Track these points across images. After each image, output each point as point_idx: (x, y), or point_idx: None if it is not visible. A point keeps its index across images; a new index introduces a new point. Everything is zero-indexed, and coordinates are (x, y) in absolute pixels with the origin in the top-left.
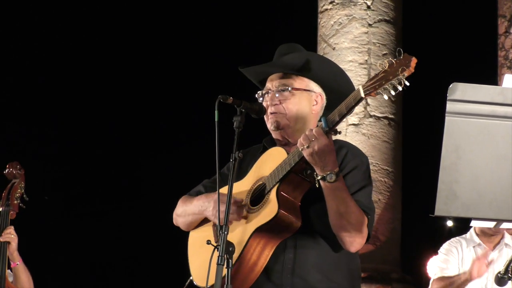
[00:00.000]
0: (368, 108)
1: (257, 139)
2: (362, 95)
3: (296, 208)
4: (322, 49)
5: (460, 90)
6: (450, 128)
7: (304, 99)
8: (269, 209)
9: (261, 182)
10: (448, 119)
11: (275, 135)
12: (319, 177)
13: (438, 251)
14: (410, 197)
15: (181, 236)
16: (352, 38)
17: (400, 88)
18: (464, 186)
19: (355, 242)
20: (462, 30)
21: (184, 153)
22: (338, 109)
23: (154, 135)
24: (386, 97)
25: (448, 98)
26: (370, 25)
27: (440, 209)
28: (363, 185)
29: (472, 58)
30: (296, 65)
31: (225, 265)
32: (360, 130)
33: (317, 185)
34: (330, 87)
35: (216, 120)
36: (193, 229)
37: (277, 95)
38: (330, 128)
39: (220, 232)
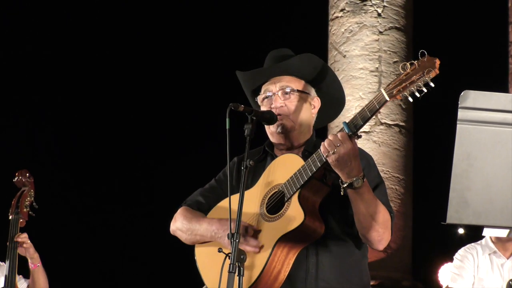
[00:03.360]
0: (379, 116)
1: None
2: (387, 98)
3: (318, 214)
4: (333, 56)
5: (471, 98)
6: (461, 135)
7: (305, 102)
8: (294, 217)
9: (276, 190)
10: (459, 126)
11: (278, 139)
12: (345, 184)
13: (454, 257)
14: (421, 204)
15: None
16: (363, 46)
17: (425, 90)
18: (476, 193)
19: (383, 240)
20: (473, 38)
21: (192, 160)
22: (361, 113)
23: (164, 142)
24: (411, 99)
25: (459, 105)
26: (380, 32)
27: (451, 217)
28: (377, 182)
29: (483, 66)
30: (295, 68)
31: (236, 273)
32: (371, 137)
33: (342, 193)
34: (324, 91)
35: (227, 128)
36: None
37: (281, 96)
38: (353, 132)
39: (232, 240)
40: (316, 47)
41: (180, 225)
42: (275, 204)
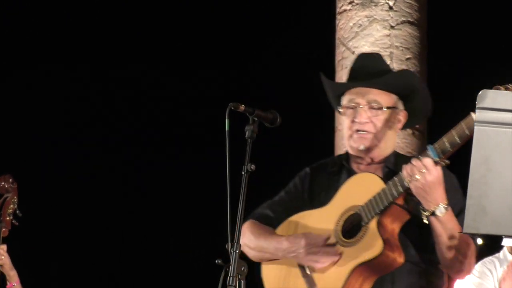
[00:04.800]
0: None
1: (271, 149)
2: None
3: (397, 242)
4: (341, 53)
5: (490, 98)
6: (479, 138)
7: (393, 118)
8: (371, 245)
9: (353, 212)
10: (477, 128)
11: (358, 153)
12: (427, 213)
13: (471, 273)
14: None
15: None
16: (373, 41)
17: None
18: (494, 201)
19: (463, 271)
20: (492, 33)
21: (191, 165)
22: (448, 138)
23: (161, 145)
24: None
25: (477, 106)
26: (392, 27)
27: (468, 226)
28: (461, 207)
29: (503, 63)
30: (392, 83)
31: (236, 287)
32: None
33: (425, 221)
34: (414, 105)
35: (226, 129)
36: None
37: (368, 111)
38: (440, 158)
39: (231, 251)
40: (323, 42)
41: (248, 241)
42: (351, 227)
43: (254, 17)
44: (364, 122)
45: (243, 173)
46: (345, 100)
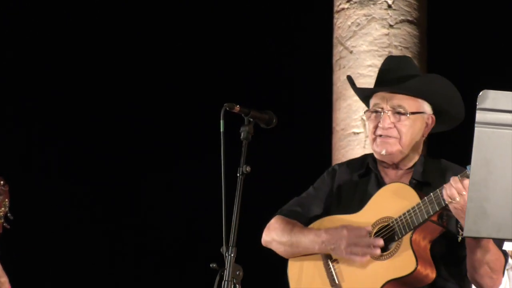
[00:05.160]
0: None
1: (267, 151)
2: None
3: (429, 258)
4: (338, 52)
5: (491, 98)
6: (480, 140)
7: (418, 123)
8: (405, 262)
9: (385, 223)
10: (477, 130)
11: (382, 158)
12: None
13: None
14: None
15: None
16: (372, 41)
17: None
18: (495, 204)
19: (495, 286)
20: (493, 32)
21: (185, 166)
22: None
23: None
24: None
25: (477, 106)
26: (391, 26)
27: (469, 230)
28: None
29: (505, 63)
30: (417, 88)
31: None
32: None
33: (459, 239)
34: (443, 109)
35: (221, 130)
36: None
37: (391, 116)
38: None
39: (226, 254)
40: (320, 41)
41: (278, 236)
42: (383, 239)
43: (250, 16)
44: (387, 127)
45: (238, 175)
46: (371, 103)
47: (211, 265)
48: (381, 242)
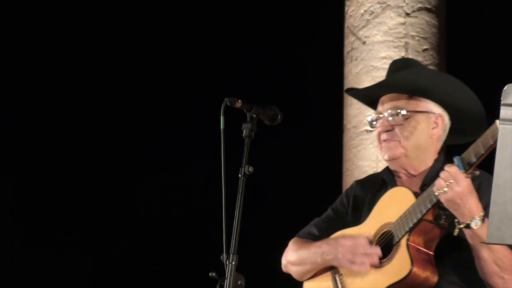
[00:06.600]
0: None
1: (271, 150)
2: None
3: (431, 261)
4: (350, 43)
5: None
6: (504, 138)
7: (422, 123)
8: (400, 266)
9: (386, 230)
10: (502, 127)
11: (391, 165)
12: (462, 225)
13: None
14: None
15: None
16: (386, 30)
17: None
18: None
19: (508, 287)
20: None
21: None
22: (474, 148)
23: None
24: None
25: (502, 102)
26: (407, 14)
27: (492, 236)
28: None
29: None
30: (409, 85)
31: None
32: None
33: (455, 234)
34: (454, 106)
35: (222, 128)
36: (308, 279)
37: (389, 119)
38: (466, 170)
39: (227, 262)
40: (330, 32)
41: (290, 257)
42: (384, 246)
43: (255, 8)
44: (386, 130)
45: (240, 176)
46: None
47: (210, 274)
48: (378, 250)
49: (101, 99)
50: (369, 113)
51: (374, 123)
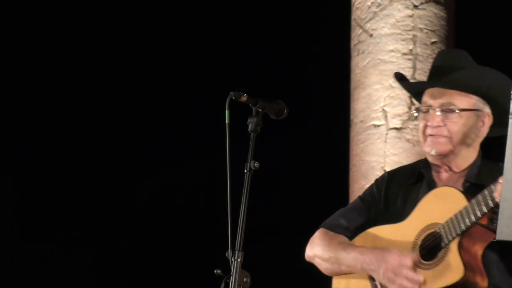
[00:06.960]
0: (413, 109)
1: (278, 145)
2: None
3: (480, 266)
4: (357, 36)
5: None
6: None
7: (471, 121)
8: (452, 270)
9: (432, 230)
10: (511, 122)
11: (433, 159)
12: None
13: None
14: None
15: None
16: (394, 23)
17: None
18: None
19: None
20: None
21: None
22: None
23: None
24: None
25: None
26: (416, 6)
27: (502, 233)
28: None
29: None
30: (465, 82)
31: None
32: (404, 135)
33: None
34: (501, 105)
35: (227, 122)
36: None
37: (439, 113)
38: None
39: (232, 259)
40: (337, 24)
41: (320, 252)
42: (430, 247)
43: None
44: (436, 126)
45: (245, 171)
46: (422, 101)
47: (215, 271)
48: (420, 277)
49: (101, 98)
50: (376, 108)
51: (416, 114)
